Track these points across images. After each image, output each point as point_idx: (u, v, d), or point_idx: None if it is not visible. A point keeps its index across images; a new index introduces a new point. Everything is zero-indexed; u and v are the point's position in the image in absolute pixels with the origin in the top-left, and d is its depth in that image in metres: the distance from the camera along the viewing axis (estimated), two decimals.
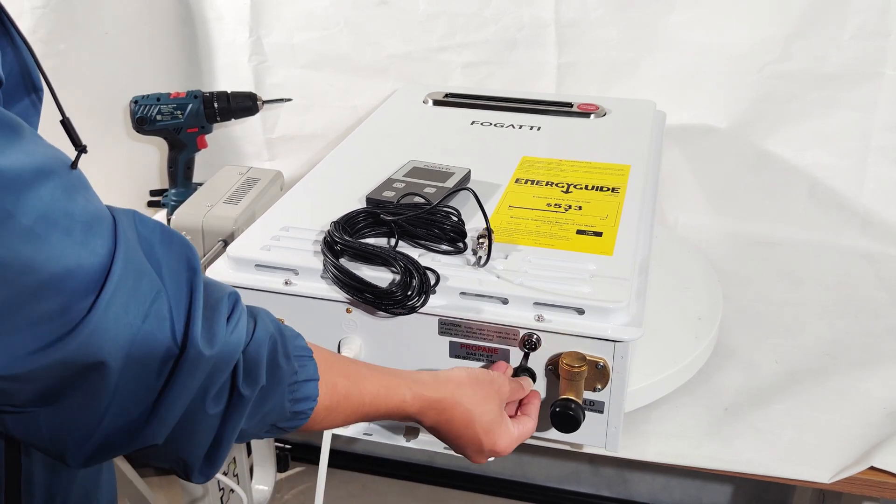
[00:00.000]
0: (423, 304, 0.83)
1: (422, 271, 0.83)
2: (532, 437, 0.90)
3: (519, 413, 0.83)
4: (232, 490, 1.49)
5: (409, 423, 0.84)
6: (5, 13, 0.57)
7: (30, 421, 0.52)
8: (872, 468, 0.92)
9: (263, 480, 1.76)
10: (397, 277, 0.84)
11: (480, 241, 0.88)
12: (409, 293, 0.82)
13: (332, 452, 0.87)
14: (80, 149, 0.56)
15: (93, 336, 0.49)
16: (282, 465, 1.89)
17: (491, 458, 0.79)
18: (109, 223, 0.53)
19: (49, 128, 0.61)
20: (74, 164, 0.54)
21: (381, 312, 0.85)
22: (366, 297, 0.83)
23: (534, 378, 0.85)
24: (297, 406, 0.63)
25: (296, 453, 1.93)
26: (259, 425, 0.62)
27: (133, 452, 0.56)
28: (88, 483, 0.73)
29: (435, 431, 0.76)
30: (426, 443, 0.90)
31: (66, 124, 0.59)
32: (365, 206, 0.97)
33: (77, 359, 0.49)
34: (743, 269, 1.35)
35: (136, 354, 0.52)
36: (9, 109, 0.53)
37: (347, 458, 1.88)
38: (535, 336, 0.83)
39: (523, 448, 0.96)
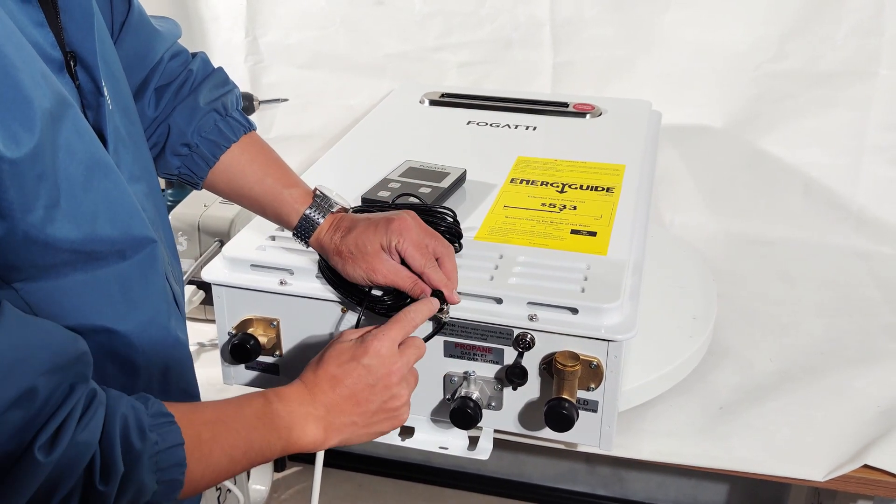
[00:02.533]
0: None
1: None
2: (526, 437, 0.90)
3: None
4: (229, 490, 1.50)
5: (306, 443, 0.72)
6: None
7: None
8: (866, 466, 0.93)
9: (260, 480, 1.76)
10: None
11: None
12: (399, 298, 0.82)
13: (329, 452, 0.87)
14: None
15: None
16: (279, 465, 1.89)
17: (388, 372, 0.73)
18: None
19: None
20: None
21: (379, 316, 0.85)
22: (360, 300, 0.84)
23: (525, 376, 0.84)
24: (166, 475, 0.59)
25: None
26: None
27: None
28: None
29: (328, 413, 0.71)
30: (422, 442, 0.91)
31: None
32: (360, 205, 0.98)
33: None
34: (738, 267, 1.36)
35: None
36: None
37: (344, 458, 1.88)
38: (529, 335, 0.83)
39: (519, 447, 0.96)
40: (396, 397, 0.74)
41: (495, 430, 0.90)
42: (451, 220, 0.91)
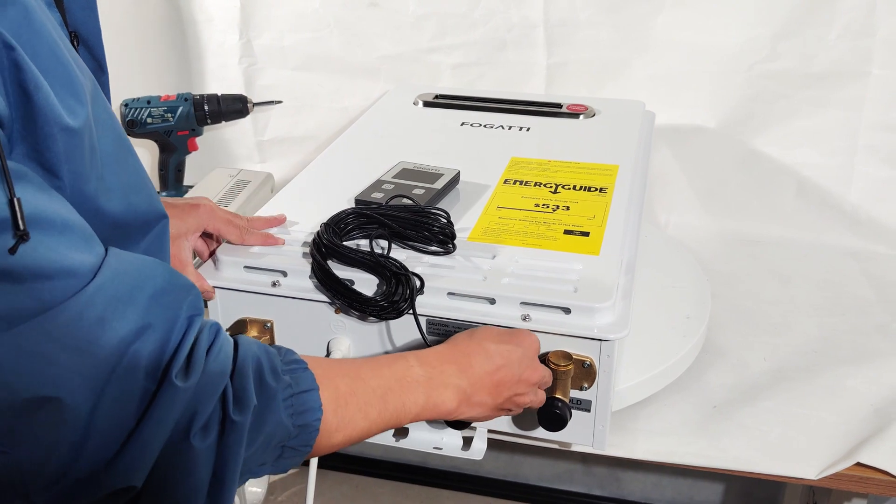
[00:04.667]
0: (408, 309, 0.83)
1: (405, 279, 0.83)
2: (520, 437, 0.91)
3: None
4: None
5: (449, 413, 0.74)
6: None
7: None
8: (859, 464, 0.93)
9: (257, 482, 1.76)
10: (383, 285, 0.85)
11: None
12: (393, 299, 0.82)
13: (326, 454, 0.87)
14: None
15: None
16: None
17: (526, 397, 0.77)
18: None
19: None
20: None
21: (370, 318, 0.86)
22: (351, 302, 0.84)
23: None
24: (301, 419, 0.61)
25: None
26: (264, 450, 0.59)
27: (114, 497, 0.53)
28: None
29: (470, 386, 0.72)
30: (416, 442, 0.91)
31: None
32: (354, 207, 0.98)
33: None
34: (732, 267, 1.36)
35: (110, 393, 0.51)
36: None
37: (340, 459, 1.88)
38: None
39: (516, 448, 0.96)
40: (525, 395, 0.77)
41: (489, 431, 0.90)
42: (445, 220, 0.91)
